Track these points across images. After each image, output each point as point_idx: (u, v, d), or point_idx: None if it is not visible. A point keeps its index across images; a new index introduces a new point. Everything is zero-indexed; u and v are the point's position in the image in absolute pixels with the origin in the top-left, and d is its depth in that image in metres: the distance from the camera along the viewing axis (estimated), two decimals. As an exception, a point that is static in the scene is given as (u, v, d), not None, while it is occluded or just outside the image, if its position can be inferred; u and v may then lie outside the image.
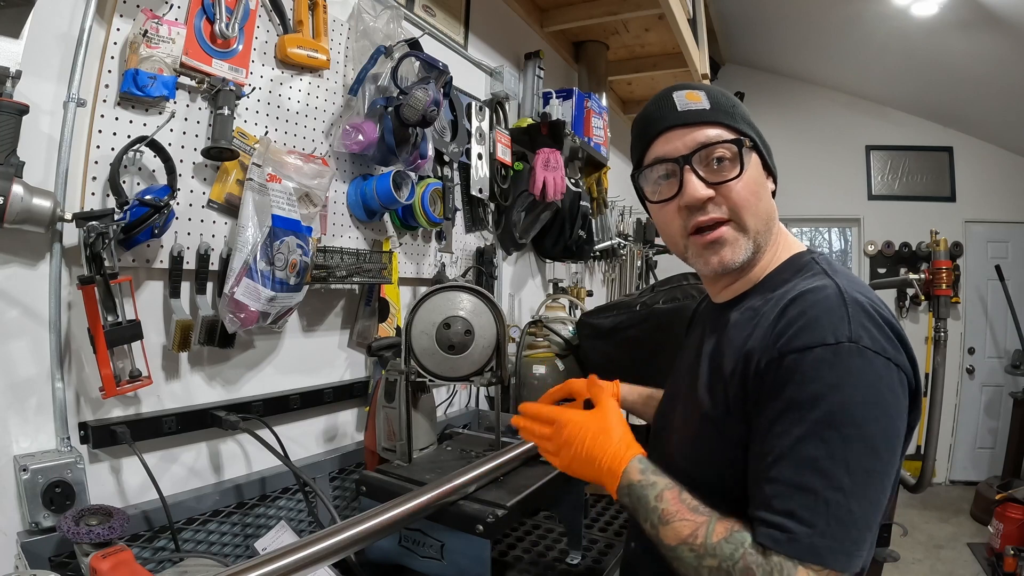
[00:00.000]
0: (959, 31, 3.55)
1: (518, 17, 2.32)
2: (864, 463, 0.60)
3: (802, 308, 0.66)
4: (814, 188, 4.87)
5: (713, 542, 0.63)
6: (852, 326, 0.63)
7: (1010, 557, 3.14)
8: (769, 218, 0.77)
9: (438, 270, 1.72)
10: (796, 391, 0.63)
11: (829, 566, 0.59)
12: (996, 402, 4.63)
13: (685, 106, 0.76)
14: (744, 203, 0.74)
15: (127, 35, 0.97)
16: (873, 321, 0.64)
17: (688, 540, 0.65)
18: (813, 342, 0.63)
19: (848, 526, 0.59)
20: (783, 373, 0.64)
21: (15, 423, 0.87)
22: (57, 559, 0.84)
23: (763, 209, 0.76)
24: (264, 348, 1.25)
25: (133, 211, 0.93)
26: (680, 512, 0.67)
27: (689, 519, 0.66)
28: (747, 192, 0.74)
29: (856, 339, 0.62)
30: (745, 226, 0.75)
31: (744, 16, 4.24)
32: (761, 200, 0.76)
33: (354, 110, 1.37)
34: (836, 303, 0.65)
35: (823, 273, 0.71)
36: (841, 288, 0.67)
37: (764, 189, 0.77)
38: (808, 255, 0.78)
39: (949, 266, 2.58)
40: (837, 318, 0.64)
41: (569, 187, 2.15)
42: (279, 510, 1.19)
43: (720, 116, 0.76)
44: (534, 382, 1.83)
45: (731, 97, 0.79)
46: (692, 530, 0.65)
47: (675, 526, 0.66)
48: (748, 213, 0.74)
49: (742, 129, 0.76)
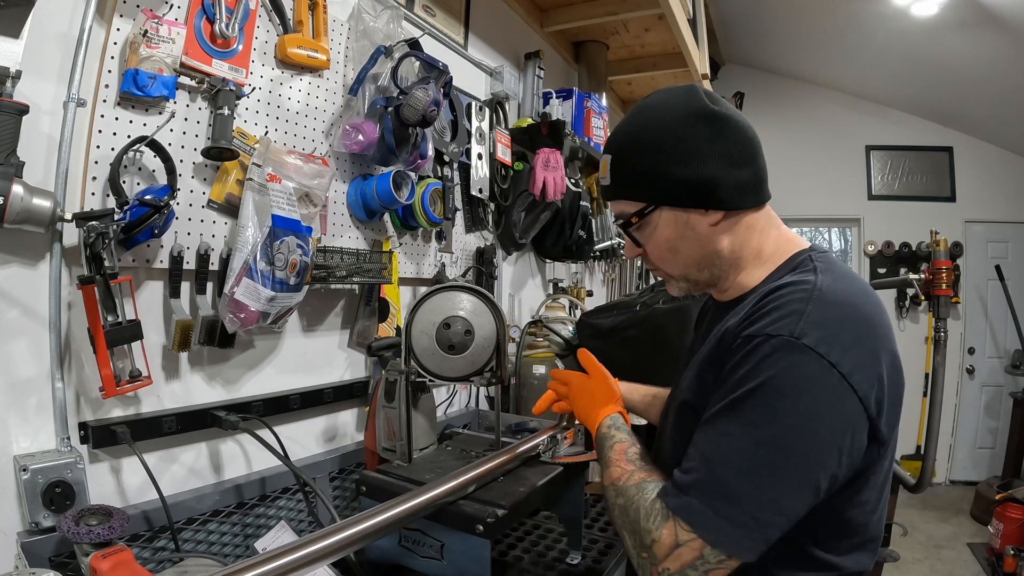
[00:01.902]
0: (959, 31, 3.54)
1: (518, 17, 2.32)
2: (766, 454, 0.62)
3: (772, 298, 0.69)
4: (814, 188, 4.87)
5: (629, 484, 0.74)
6: (803, 323, 0.64)
7: (1010, 557, 3.14)
8: (703, 257, 0.79)
9: (438, 270, 1.72)
10: (732, 372, 0.67)
11: (697, 530, 0.63)
12: (996, 402, 4.63)
13: (602, 181, 0.84)
14: (659, 261, 0.82)
15: (127, 35, 0.96)
16: (838, 325, 0.65)
17: (615, 482, 0.76)
18: (760, 331, 0.66)
19: (732, 502, 0.62)
20: (734, 353, 0.68)
21: (15, 423, 0.87)
22: (57, 559, 0.84)
23: (683, 258, 0.80)
24: (264, 348, 1.25)
25: (133, 211, 0.93)
26: (619, 460, 0.79)
27: (622, 466, 0.77)
28: (658, 253, 0.81)
29: (799, 335, 0.63)
30: (671, 274, 0.84)
31: (744, 16, 4.23)
32: (679, 252, 0.79)
33: (354, 110, 1.37)
34: (800, 299, 0.67)
35: (813, 270, 0.72)
36: (817, 286, 0.68)
37: (681, 240, 0.78)
38: (806, 253, 0.78)
39: (949, 266, 2.58)
40: (792, 312, 0.65)
41: (569, 187, 2.15)
42: (279, 510, 1.19)
43: (619, 191, 0.80)
44: (534, 382, 1.83)
45: (630, 148, 0.78)
46: (619, 475, 0.76)
47: (611, 470, 0.78)
48: (666, 266, 0.82)
49: (642, 195, 0.78)
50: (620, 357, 1.79)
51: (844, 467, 0.64)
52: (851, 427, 0.63)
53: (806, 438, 0.62)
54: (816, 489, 0.63)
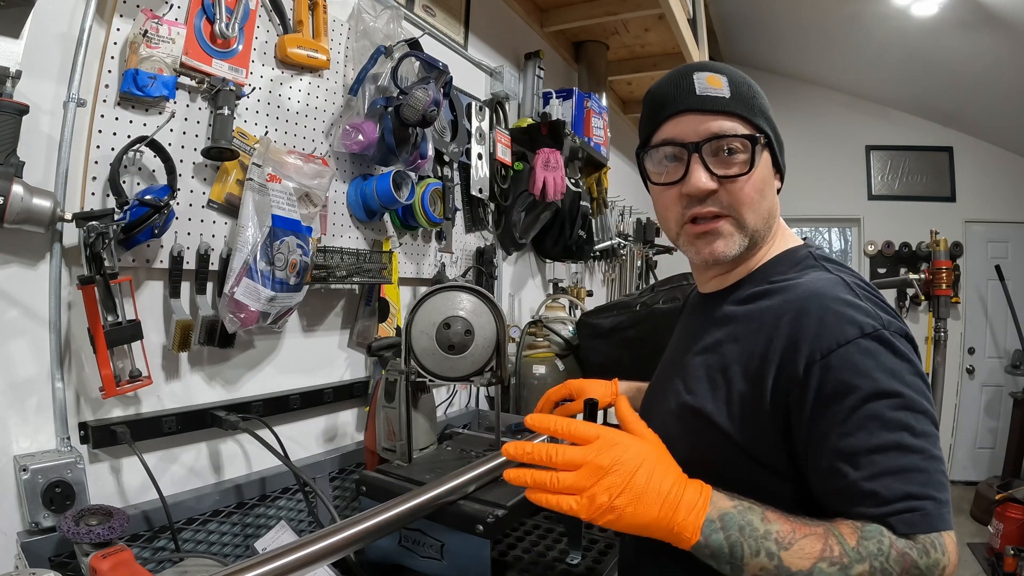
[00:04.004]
0: (959, 31, 3.54)
1: (518, 17, 2.32)
2: (929, 429, 0.62)
3: (822, 305, 0.66)
4: (814, 188, 4.87)
5: (853, 545, 0.57)
6: (878, 314, 0.65)
7: (1010, 557, 3.14)
8: (770, 215, 0.77)
9: (438, 270, 1.72)
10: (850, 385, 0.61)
11: (951, 527, 0.60)
12: (996, 402, 4.63)
13: (704, 90, 0.73)
14: (747, 200, 0.73)
15: (127, 35, 0.96)
16: (884, 311, 0.67)
17: (824, 555, 0.57)
18: (850, 335, 0.63)
19: (946, 487, 0.61)
20: (830, 374, 0.62)
21: (15, 423, 0.87)
22: (57, 559, 0.84)
23: (765, 207, 0.75)
24: (264, 348, 1.25)
25: (133, 211, 0.93)
26: (797, 529, 0.59)
27: (811, 531, 0.58)
28: (752, 190, 0.73)
29: (886, 325, 0.64)
30: (744, 223, 0.74)
31: (744, 16, 4.23)
32: (765, 198, 0.75)
33: (354, 110, 1.37)
34: (851, 296, 0.67)
35: (823, 267, 0.72)
36: (850, 283, 0.69)
37: (770, 187, 0.77)
38: (804, 249, 0.78)
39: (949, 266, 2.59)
40: (862, 311, 0.65)
41: (569, 187, 2.15)
42: (279, 510, 1.19)
43: (739, 108, 0.73)
44: (534, 382, 1.83)
45: (753, 86, 0.77)
46: (823, 543, 0.57)
47: (801, 544, 0.57)
48: (749, 211, 0.73)
49: (759, 124, 0.74)
50: (620, 357, 1.79)
51: None
52: None
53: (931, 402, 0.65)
54: None
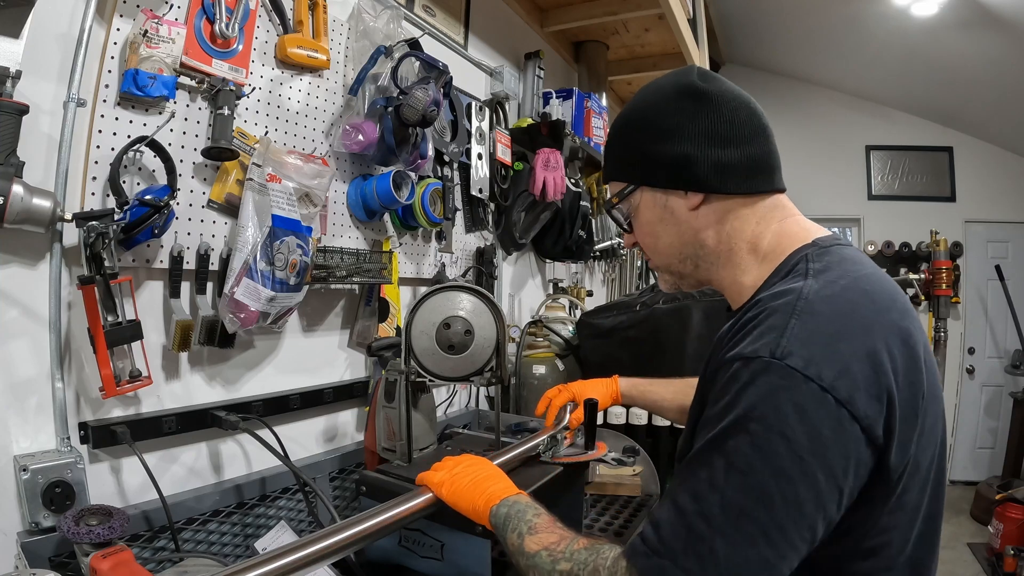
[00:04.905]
0: (959, 31, 3.54)
1: (518, 17, 2.32)
2: (743, 504, 0.52)
3: (755, 314, 0.60)
4: (814, 188, 4.86)
5: (574, 548, 0.64)
6: (786, 340, 0.54)
7: (1010, 557, 3.14)
8: (685, 244, 0.73)
9: (438, 270, 1.72)
10: (713, 403, 0.58)
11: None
12: (996, 402, 4.63)
13: None
14: (647, 249, 0.78)
15: (127, 35, 0.96)
16: (830, 339, 0.54)
17: (549, 546, 0.65)
18: (739, 354, 0.57)
19: (706, 563, 0.52)
20: (713, 382, 0.60)
21: (15, 423, 0.87)
22: (57, 559, 0.84)
23: (664, 245, 0.75)
24: (264, 348, 1.25)
25: (133, 211, 0.93)
26: (552, 527, 0.69)
27: (559, 532, 0.68)
28: (643, 238, 0.78)
29: (782, 355, 0.53)
30: (654, 264, 0.79)
31: (744, 16, 4.23)
32: (659, 238, 0.75)
33: (354, 110, 1.37)
34: (783, 311, 0.57)
35: (804, 273, 0.62)
36: (803, 293, 0.58)
37: (659, 224, 0.73)
38: (802, 252, 0.67)
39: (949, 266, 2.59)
40: (772, 328, 0.56)
41: (569, 187, 2.15)
42: (279, 510, 1.19)
43: (608, 172, 0.79)
44: (534, 382, 1.83)
45: (619, 128, 0.76)
46: (557, 539, 0.66)
47: (542, 536, 0.68)
48: (654, 255, 0.78)
49: (626, 173, 0.75)
50: (620, 357, 1.80)
51: (843, 509, 0.55)
52: (854, 461, 0.53)
53: (796, 488, 0.51)
54: (812, 542, 0.54)
